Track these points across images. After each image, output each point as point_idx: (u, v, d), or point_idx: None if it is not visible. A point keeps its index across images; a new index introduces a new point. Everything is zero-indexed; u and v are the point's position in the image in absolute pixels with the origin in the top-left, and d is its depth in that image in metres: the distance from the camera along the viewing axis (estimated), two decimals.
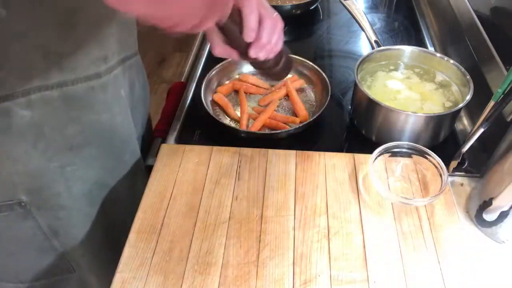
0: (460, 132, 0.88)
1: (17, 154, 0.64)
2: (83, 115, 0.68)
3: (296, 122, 0.87)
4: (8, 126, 0.61)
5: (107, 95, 0.69)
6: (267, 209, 0.71)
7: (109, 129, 0.73)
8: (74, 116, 0.67)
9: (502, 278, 0.64)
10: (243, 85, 0.94)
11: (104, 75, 0.67)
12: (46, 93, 0.62)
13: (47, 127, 0.65)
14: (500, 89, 0.67)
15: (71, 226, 0.77)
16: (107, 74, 0.68)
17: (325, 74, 0.92)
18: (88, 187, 0.75)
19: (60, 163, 0.69)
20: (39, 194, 0.70)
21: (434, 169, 0.74)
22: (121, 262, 0.64)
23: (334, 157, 0.79)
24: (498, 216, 0.65)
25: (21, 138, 0.63)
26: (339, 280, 0.62)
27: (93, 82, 0.66)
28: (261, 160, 0.78)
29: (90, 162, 0.73)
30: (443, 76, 0.89)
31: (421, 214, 0.70)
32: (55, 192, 0.71)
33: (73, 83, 0.64)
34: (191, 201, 0.72)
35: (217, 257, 0.64)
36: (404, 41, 1.14)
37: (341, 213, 0.70)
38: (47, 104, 0.63)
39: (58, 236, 0.76)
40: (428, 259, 0.65)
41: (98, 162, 0.74)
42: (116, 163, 0.79)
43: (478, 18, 0.96)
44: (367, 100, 0.80)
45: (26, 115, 0.62)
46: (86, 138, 0.70)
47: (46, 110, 0.63)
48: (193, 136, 0.87)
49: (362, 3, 1.30)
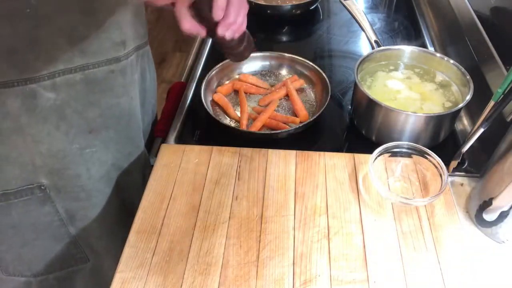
0: (460, 132, 0.88)
1: (41, 136, 0.67)
2: (102, 98, 0.71)
3: (296, 122, 0.87)
4: (34, 108, 0.65)
5: (126, 79, 0.73)
6: (267, 209, 0.71)
7: (127, 113, 0.77)
8: (94, 99, 0.70)
9: (502, 278, 0.64)
10: (243, 85, 0.94)
11: (123, 59, 0.71)
12: (69, 76, 0.65)
13: (69, 110, 0.68)
14: (500, 89, 0.67)
15: (90, 208, 0.79)
16: (125, 58, 0.72)
17: (325, 74, 0.92)
18: (105, 169, 0.78)
19: (80, 145, 0.72)
20: (59, 176, 0.72)
21: (434, 169, 0.74)
22: (121, 262, 0.64)
23: (334, 157, 0.79)
24: (498, 216, 0.65)
25: (45, 120, 0.66)
26: (339, 280, 0.62)
27: (113, 66, 0.70)
28: (261, 160, 0.78)
29: (108, 145, 0.76)
30: (443, 76, 0.89)
31: (421, 214, 0.70)
32: (75, 174, 0.74)
33: (94, 66, 0.67)
34: (191, 201, 0.72)
35: (217, 257, 0.64)
36: (404, 41, 1.14)
37: (341, 213, 0.70)
38: (70, 87, 0.66)
39: (75, 221, 0.79)
40: (428, 259, 0.65)
41: (115, 146, 0.78)
42: (131, 147, 0.82)
43: (478, 18, 0.96)
44: (367, 100, 0.80)
45: (51, 98, 0.65)
46: (105, 122, 0.74)
47: (69, 93, 0.67)
48: (193, 136, 0.87)
49: (362, 3, 1.30)
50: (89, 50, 0.66)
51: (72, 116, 0.69)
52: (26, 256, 0.80)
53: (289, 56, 0.98)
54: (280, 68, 1.00)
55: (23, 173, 0.70)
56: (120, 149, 0.79)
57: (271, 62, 1.00)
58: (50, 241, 0.79)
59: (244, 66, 0.98)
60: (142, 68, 0.82)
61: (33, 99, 0.64)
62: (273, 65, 1.00)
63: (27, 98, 0.63)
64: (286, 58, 0.99)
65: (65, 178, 0.73)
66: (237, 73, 0.98)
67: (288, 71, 0.99)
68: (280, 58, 0.99)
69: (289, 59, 0.99)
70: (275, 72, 1.00)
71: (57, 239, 0.79)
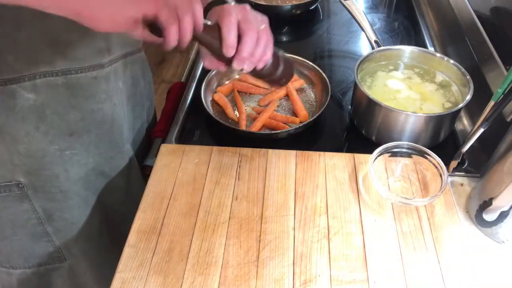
0: (460, 132, 0.87)
1: (19, 135, 0.67)
2: (84, 103, 0.71)
3: (296, 122, 0.87)
4: (13, 107, 0.65)
5: (109, 86, 0.73)
6: (267, 209, 0.71)
7: (110, 118, 0.76)
8: (75, 103, 0.70)
9: (502, 278, 0.64)
10: (243, 85, 0.94)
11: (107, 66, 0.71)
12: (51, 79, 0.65)
13: (49, 111, 0.68)
14: (500, 89, 0.67)
15: (67, 210, 0.79)
16: (109, 65, 0.71)
17: (325, 74, 0.92)
18: (84, 171, 0.78)
19: (60, 147, 0.72)
20: (37, 176, 0.72)
21: (434, 169, 0.74)
22: (121, 262, 0.64)
23: (334, 157, 0.79)
24: (498, 216, 0.65)
25: (24, 120, 0.67)
26: (339, 280, 0.62)
27: (96, 72, 0.69)
28: (261, 160, 0.78)
29: (88, 149, 0.76)
30: (443, 76, 0.89)
31: (421, 214, 0.70)
32: (53, 174, 0.73)
33: (77, 71, 0.67)
34: (191, 201, 0.72)
35: (217, 257, 0.64)
36: (404, 41, 1.14)
37: (341, 213, 0.70)
38: (51, 89, 0.66)
39: (52, 221, 0.78)
40: (428, 259, 0.65)
41: (96, 150, 0.77)
42: (113, 153, 0.81)
43: (478, 18, 0.96)
44: (367, 100, 0.80)
45: (30, 98, 0.65)
46: (86, 126, 0.73)
47: (50, 95, 0.67)
48: (193, 136, 0.87)
49: (362, 3, 1.30)
50: (72, 55, 0.65)
51: (52, 117, 0.69)
52: (4, 249, 0.81)
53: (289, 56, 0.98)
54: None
55: (1, 170, 0.70)
56: (102, 153, 0.79)
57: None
58: (27, 237, 0.79)
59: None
60: (133, 76, 0.81)
61: (13, 98, 0.64)
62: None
63: (6, 97, 0.64)
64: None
65: (42, 178, 0.73)
66: (237, 73, 0.98)
67: None
68: None
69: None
70: None
71: (35, 237, 0.79)
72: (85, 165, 0.77)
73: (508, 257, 0.67)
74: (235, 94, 0.92)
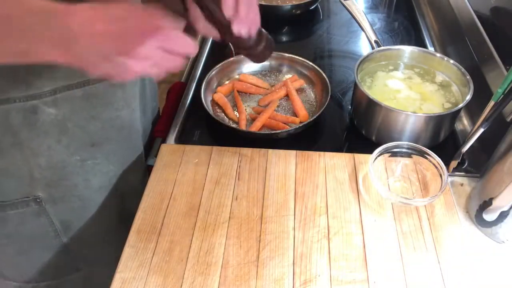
0: (460, 132, 0.87)
1: (41, 149, 0.68)
2: (103, 112, 0.72)
3: (296, 122, 0.87)
4: (34, 123, 0.65)
5: (126, 92, 0.74)
6: (267, 209, 0.71)
7: (128, 124, 0.77)
8: (95, 113, 0.71)
9: (502, 278, 0.64)
10: (243, 85, 0.94)
11: None
12: (70, 92, 0.66)
13: (71, 124, 0.69)
14: (500, 89, 0.67)
15: (85, 217, 0.79)
16: None
17: (325, 74, 0.92)
18: (106, 179, 0.79)
19: (81, 157, 0.72)
20: (56, 187, 0.72)
21: (434, 169, 0.74)
22: (121, 262, 0.64)
23: (334, 157, 0.79)
24: (498, 216, 0.65)
25: (46, 134, 0.67)
26: (339, 280, 0.62)
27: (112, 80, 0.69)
28: (261, 160, 0.78)
29: (109, 157, 0.77)
30: (443, 76, 0.89)
31: (421, 214, 0.70)
32: (73, 184, 0.74)
33: (94, 82, 0.68)
34: (191, 201, 0.72)
35: (217, 257, 0.64)
36: (404, 41, 1.14)
37: (341, 213, 0.70)
38: (71, 102, 0.67)
39: (69, 231, 0.79)
40: (428, 259, 0.65)
41: (117, 157, 0.78)
42: (133, 156, 0.82)
43: (478, 18, 0.96)
44: (367, 100, 0.80)
45: (52, 113, 0.66)
46: (106, 134, 0.74)
47: (70, 108, 0.67)
48: (193, 136, 0.87)
49: (362, 3, 1.30)
50: None
51: (73, 130, 0.69)
52: (20, 264, 0.81)
53: (289, 56, 0.98)
54: (280, 68, 1.00)
55: (19, 186, 0.70)
56: (121, 159, 0.80)
57: (271, 62, 1.00)
58: (44, 251, 0.79)
59: (244, 66, 0.98)
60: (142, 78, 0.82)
61: (34, 114, 0.65)
62: (273, 65, 1.00)
63: (28, 113, 0.64)
64: (286, 58, 0.99)
65: (62, 189, 0.73)
66: (237, 73, 0.98)
67: (288, 71, 0.99)
68: (280, 58, 0.99)
69: (289, 59, 0.98)
70: (275, 72, 1.00)
71: (51, 249, 0.80)
72: (106, 173, 0.78)
73: (508, 257, 0.67)
74: (235, 94, 0.92)
